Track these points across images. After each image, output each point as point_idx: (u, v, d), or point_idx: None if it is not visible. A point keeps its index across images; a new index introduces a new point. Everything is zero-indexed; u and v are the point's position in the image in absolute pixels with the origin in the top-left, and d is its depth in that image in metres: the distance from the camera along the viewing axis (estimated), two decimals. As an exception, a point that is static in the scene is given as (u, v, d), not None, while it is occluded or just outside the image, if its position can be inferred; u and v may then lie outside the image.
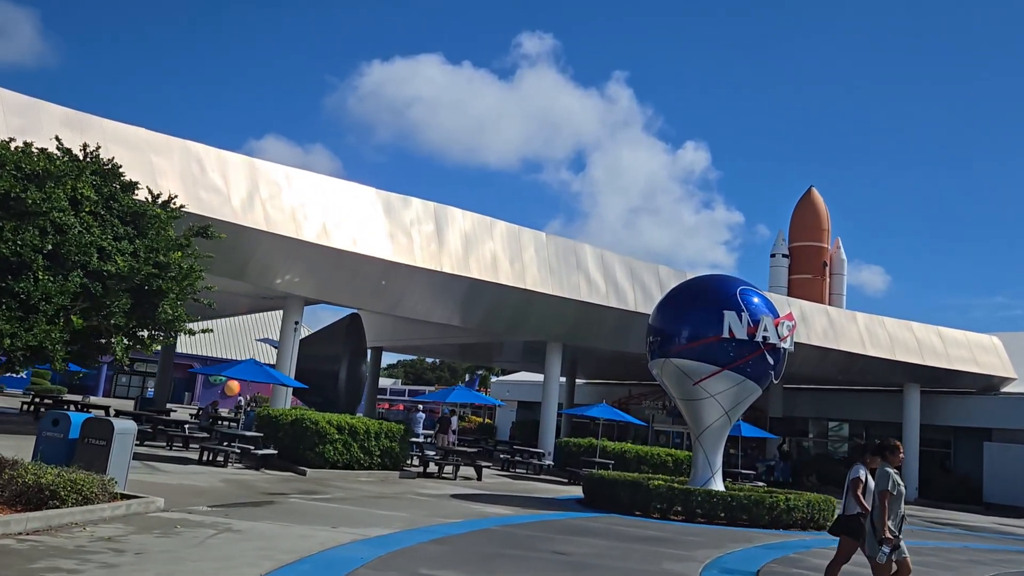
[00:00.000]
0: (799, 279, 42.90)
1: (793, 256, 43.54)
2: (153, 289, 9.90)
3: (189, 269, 10.58)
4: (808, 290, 40.52)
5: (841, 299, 43.08)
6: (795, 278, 43.00)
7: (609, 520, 14.81)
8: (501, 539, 11.05)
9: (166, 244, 10.16)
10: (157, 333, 10.92)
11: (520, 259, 27.13)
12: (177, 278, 10.28)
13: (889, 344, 30.91)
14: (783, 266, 43.79)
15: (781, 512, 16.03)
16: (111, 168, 10.90)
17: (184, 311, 10.80)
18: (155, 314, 10.12)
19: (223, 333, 59.49)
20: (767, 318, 17.34)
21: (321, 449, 18.96)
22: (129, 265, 9.44)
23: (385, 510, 13.23)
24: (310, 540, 9.46)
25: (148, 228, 10.28)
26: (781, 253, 44.01)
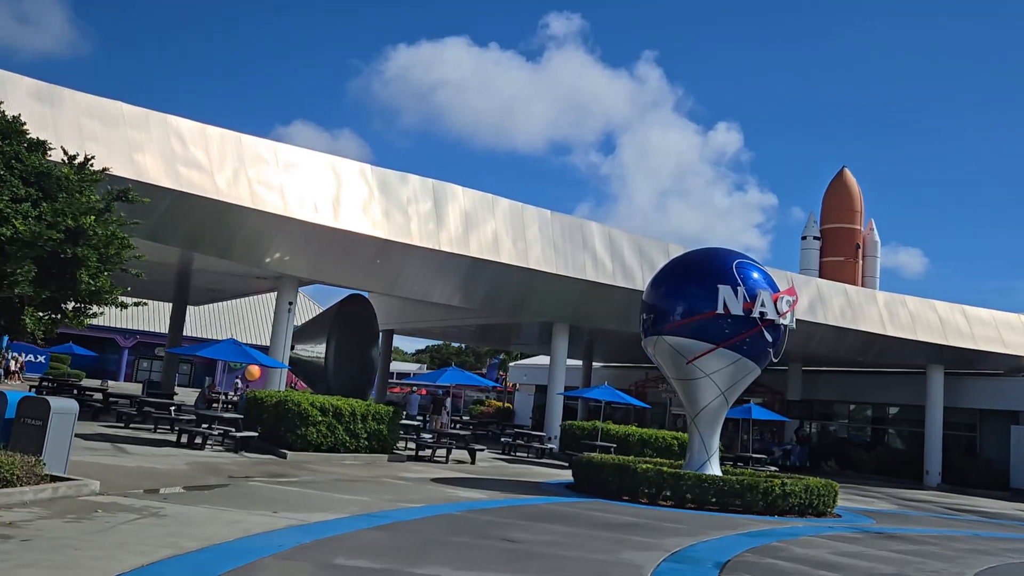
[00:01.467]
0: (831, 262, 41.86)
1: (825, 238, 42.56)
2: (68, 257, 9.23)
3: (111, 236, 9.88)
4: (840, 273, 39.42)
5: (874, 281, 41.99)
6: (827, 261, 41.99)
7: (590, 505, 14.01)
8: (454, 525, 10.31)
9: (76, 208, 9.44)
10: (82, 305, 10.26)
11: (523, 237, 26.29)
12: (96, 245, 9.60)
13: (911, 324, 29.64)
14: (814, 248, 42.85)
15: (777, 497, 15.10)
16: (13, 125, 10.13)
17: (107, 281, 10.09)
18: (74, 285, 9.45)
19: (238, 314, 59.41)
20: (765, 293, 16.36)
21: (303, 431, 18.36)
22: (31, 229, 8.77)
23: (348, 494, 12.55)
24: (235, 526, 8.78)
25: (58, 191, 9.58)
26: (812, 235, 43.07)
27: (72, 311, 10.33)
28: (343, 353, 25.54)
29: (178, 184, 19.43)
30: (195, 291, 32.88)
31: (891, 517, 17.73)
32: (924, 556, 11.37)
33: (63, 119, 17.93)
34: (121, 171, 18.61)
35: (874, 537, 13.22)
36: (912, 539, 13.44)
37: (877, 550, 11.57)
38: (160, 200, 19.64)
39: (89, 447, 15.63)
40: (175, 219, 20.27)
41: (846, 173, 43.70)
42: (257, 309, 59.94)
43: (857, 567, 9.95)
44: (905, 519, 17.60)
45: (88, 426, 20.08)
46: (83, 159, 10.71)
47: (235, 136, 21.14)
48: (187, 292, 34.01)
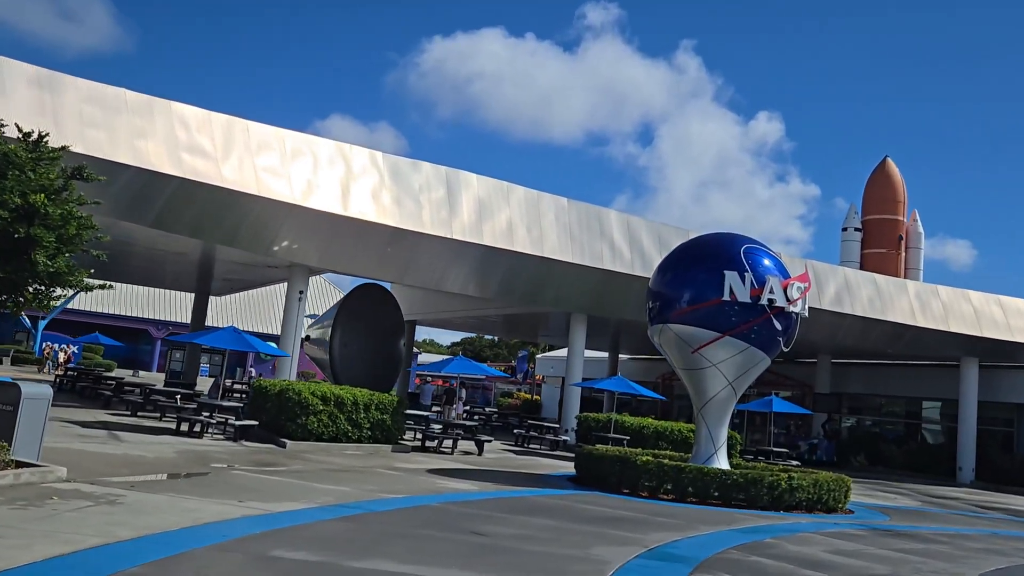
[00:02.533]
0: (872, 254, 40.91)
1: (866, 230, 41.60)
2: (21, 237, 8.97)
3: (67, 216, 9.60)
4: (882, 265, 38.46)
5: (918, 274, 40.94)
6: (868, 253, 41.06)
7: (584, 498, 13.51)
8: (426, 517, 9.90)
9: (25, 186, 9.16)
10: (43, 288, 10.00)
11: (538, 225, 25.81)
12: (52, 225, 9.33)
13: (943, 315, 28.58)
14: (855, 240, 41.94)
15: (783, 492, 14.46)
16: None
17: (64, 263, 9.80)
18: (31, 266, 9.20)
19: (262, 304, 59.75)
20: (774, 279, 15.68)
21: (304, 421, 18.11)
22: (-30, 209, 8.53)
23: (331, 484, 12.22)
24: (188, 515, 8.46)
25: (7, 168, 9.31)
26: (853, 227, 42.16)
27: (32, 294, 10.10)
28: (352, 343, 25.25)
29: (181, 171, 19.27)
30: (213, 281, 32.90)
31: (909, 514, 16.96)
32: (928, 555, 10.70)
33: (63, 106, 17.84)
34: (123, 158, 18.57)
35: (880, 535, 12.55)
36: (922, 537, 12.74)
37: (878, 548, 10.92)
38: (164, 187, 19.58)
39: (83, 434, 15.53)
40: (180, 206, 20.15)
41: (888, 163, 42.68)
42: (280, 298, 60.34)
43: (849, 566, 9.35)
44: (923, 516, 16.83)
45: (93, 414, 20.09)
46: (37, 136, 10.42)
47: (242, 123, 20.94)
48: (209, 282, 34.10)
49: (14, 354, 47.41)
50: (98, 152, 18.05)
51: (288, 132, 21.83)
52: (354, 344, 25.16)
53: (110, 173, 18.64)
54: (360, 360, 25.09)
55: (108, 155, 18.23)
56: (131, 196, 19.41)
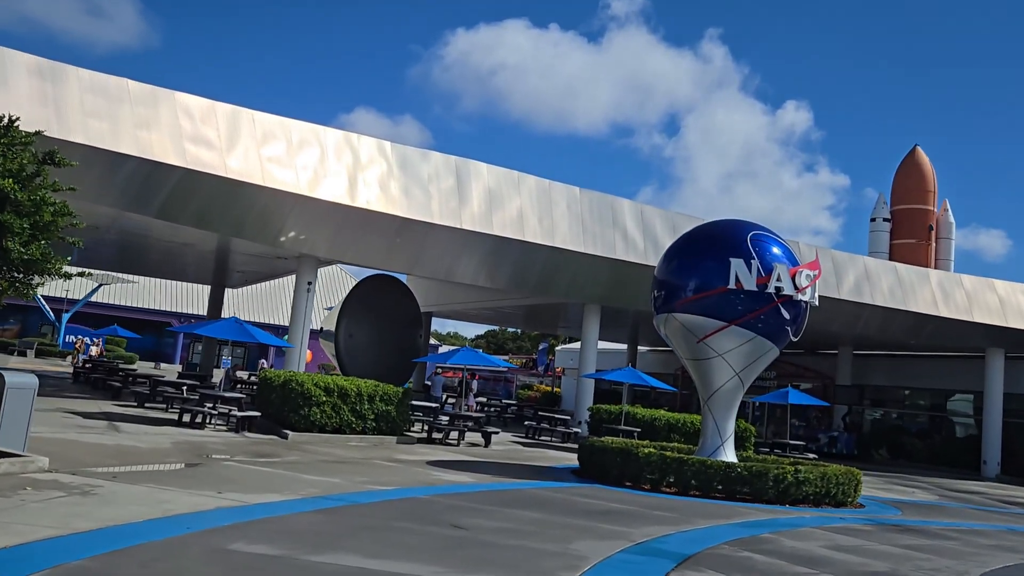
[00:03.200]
0: (902, 244, 40.19)
1: (895, 220, 40.88)
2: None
3: (39, 202, 9.43)
4: (912, 256, 37.74)
5: (948, 264, 40.17)
6: (897, 243, 40.34)
7: (582, 491, 13.20)
8: (408, 510, 9.64)
9: (-8, 171, 8.99)
10: (20, 276, 9.85)
11: (550, 215, 25.49)
12: (24, 212, 9.16)
13: (966, 304, 27.85)
14: (884, 231, 41.24)
15: (789, 485, 14.04)
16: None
17: (40, 249, 9.62)
18: (4, 254, 9.04)
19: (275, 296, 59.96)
20: (781, 266, 15.23)
21: (307, 412, 17.95)
22: (-64, 193, 8.37)
23: (320, 475, 12.01)
24: (159, 507, 8.28)
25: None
26: (882, 217, 41.46)
27: (8, 282, 9.95)
28: (358, 334, 25.09)
29: (185, 161, 19.17)
30: (227, 273, 32.94)
31: (923, 509, 16.46)
32: (933, 552, 10.26)
33: (64, 96, 17.78)
34: (126, 148, 18.50)
35: (887, 530, 12.12)
36: (931, 533, 12.29)
37: (881, 544, 10.50)
38: (168, 178, 19.49)
39: (83, 425, 15.47)
40: (184, 197, 20.06)
41: (918, 152, 41.89)
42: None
43: (845, 563, 8.96)
44: (937, 511, 16.31)
45: (100, 405, 20.08)
46: (7, 120, 10.25)
47: (248, 113, 20.80)
48: (224, 275, 34.16)
49: (38, 347, 47.93)
50: (100, 143, 18.00)
51: (294, 122, 21.67)
52: (361, 335, 25.00)
53: (113, 164, 18.71)
54: (368, 351, 24.93)
55: (111, 146, 18.16)
56: (135, 187, 19.35)
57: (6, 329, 56.39)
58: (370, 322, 25.42)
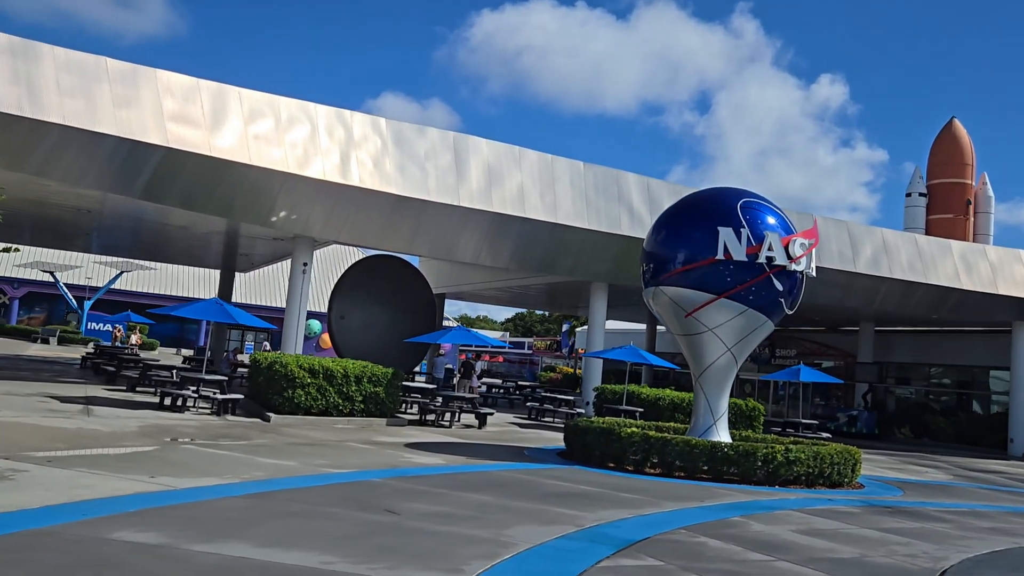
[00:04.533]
0: (938, 219, 38.93)
1: (932, 195, 39.59)
2: None
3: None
4: (949, 231, 36.51)
5: (987, 239, 38.84)
6: (934, 218, 39.09)
7: (557, 473, 12.58)
8: (347, 494, 9.10)
9: None
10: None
11: (552, 191, 24.81)
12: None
13: (991, 276, 26.65)
14: (920, 206, 39.99)
15: (779, 465, 13.28)
16: None
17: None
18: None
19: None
20: (773, 235, 14.42)
21: (291, 394, 17.56)
22: None
23: (278, 459, 11.54)
24: (67, 493, 7.82)
25: None
26: (918, 192, 40.19)
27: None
28: (352, 315, 24.62)
29: (166, 140, 18.78)
30: (230, 257, 32.69)
31: (929, 489, 15.59)
32: (916, 536, 9.49)
33: (39, 75, 17.42)
34: (104, 128, 18.14)
35: (876, 512, 11.34)
36: (924, 515, 11.48)
37: (861, 528, 9.76)
38: (149, 157, 19.11)
39: (55, 409, 15.17)
40: (168, 177, 19.66)
41: (956, 124, 40.45)
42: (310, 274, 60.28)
43: (810, 548, 8.26)
44: (944, 491, 15.44)
45: (89, 389, 19.88)
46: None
47: (235, 91, 20.35)
48: (233, 259, 33.94)
49: (60, 334, 48.32)
50: (76, 122, 17.65)
51: (283, 99, 21.18)
52: (355, 316, 24.54)
53: (91, 144, 18.36)
54: (364, 333, 24.46)
55: (88, 125, 17.81)
56: (115, 167, 18.99)
57: (32, 317, 57.08)
58: (362, 303, 24.91)
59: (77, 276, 52.83)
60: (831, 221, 26.32)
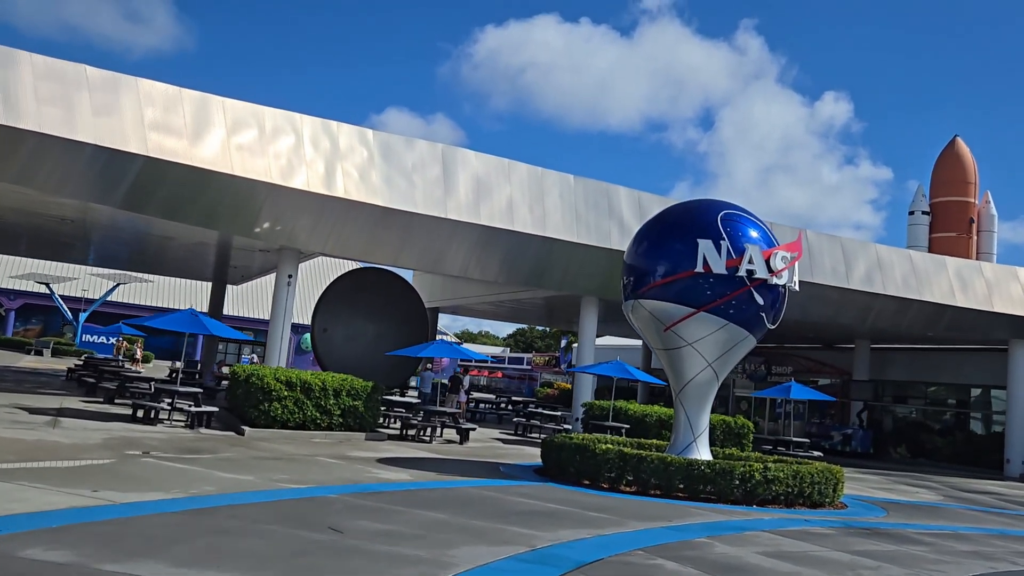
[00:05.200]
0: (941, 237, 38.58)
1: (935, 213, 39.27)
2: None
3: None
4: (952, 249, 36.12)
5: (991, 258, 38.45)
6: (937, 236, 38.73)
7: (525, 490, 12.23)
8: (291, 511, 8.76)
9: None
10: None
11: (541, 204, 24.58)
12: None
13: (986, 294, 26.26)
14: (923, 224, 39.65)
15: (757, 484, 12.90)
16: None
17: None
18: None
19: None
20: (754, 248, 14.10)
21: (267, 407, 17.26)
22: None
23: (235, 473, 11.21)
24: None
25: None
26: (920, 210, 39.87)
27: None
28: (334, 328, 24.35)
29: (146, 149, 18.58)
30: (221, 269, 32.48)
31: (914, 510, 15.17)
32: (889, 559, 9.11)
33: (17, 81, 17.23)
34: (82, 136, 17.94)
35: (851, 533, 10.95)
36: (902, 537, 11.08)
37: (832, 550, 9.38)
38: (129, 166, 18.89)
39: (21, 421, 14.89)
40: (148, 186, 19.43)
41: (958, 143, 40.17)
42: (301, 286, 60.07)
43: (773, 571, 7.89)
44: (929, 512, 15.01)
45: (65, 400, 19.62)
46: None
47: (218, 100, 20.19)
48: (225, 271, 33.73)
49: (55, 346, 48.13)
50: (53, 130, 17.47)
51: (268, 109, 20.99)
52: (339, 329, 24.24)
53: (68, 152, 18.16)
54: (348, 346, 24.16)
55: (65, 133, 17.62)
56: (94, 176, 18.78)
57: (28, 329, 56.91)
58: (352, 316, 24.63)
59: (73, 288, 52.69)
60: (824, 237, 25.99)
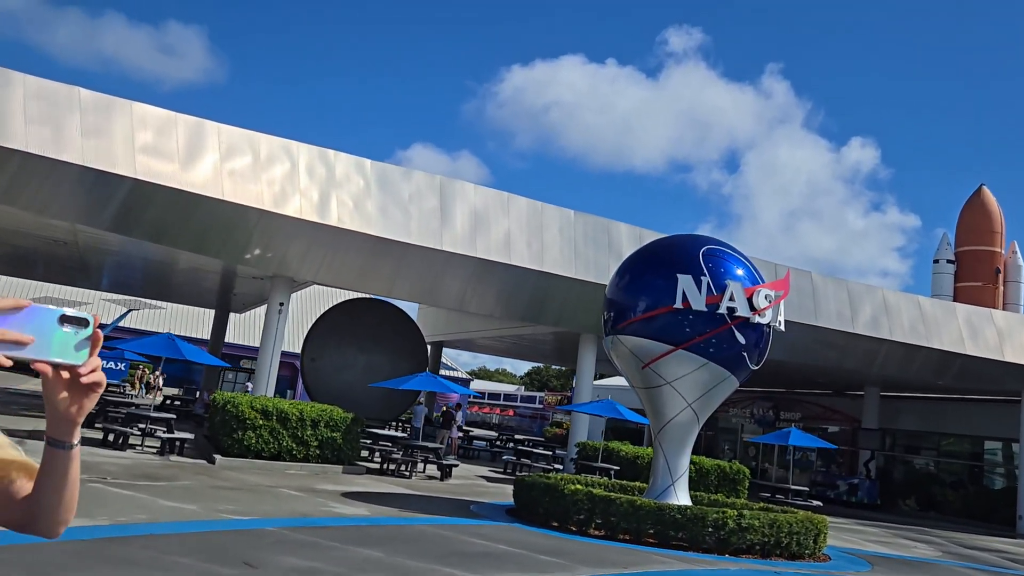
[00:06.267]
0: (967, 287, 37.77)
1: (960, 262, 38.52)
2: None
3: None
4: (977, 299, 35.30)
5: (1017, 309, 37.50)
6: (962, 286, 37.92)
7: (483, 530, 11.70)
8: (212, 543, 8.34)
9: None
10: None
11: (539, 239, 24.22)
12: None
13: (997, 342, 25.43)
14: (947, 273, 38.88)
15: (730, 533, 12.28)
16: None
17: None
18: None
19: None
20: (736, 285, 13.59)
21: (240, 436, 16.87)
22: None
23: (179, 502, 10.80)
24: None
25: None
26: (945, 259, 39.13)
27: None
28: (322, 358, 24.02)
29: (135, 172, 18.50)
30: (224, 297, 32.40)
31: (902, 565, 14.38)
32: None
33: (5, 100, 17.27)
34: (69, 156, 17.91)
35: (821, 588, 10.31)
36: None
37: (790, 606, 8.78)
38: (117, 188, 18.84)
39: (-14, 442, 14.59)
40: (136, 209, 19.35)
41: (984, 192, 39.56)
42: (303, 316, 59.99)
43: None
44: (918, 569, 14.22)
45: (41, 423, 19.33)
46: None
47: (213, 126, 20.12)
48: (228, 299, 33.66)
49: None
50: (39, 149, 17.43)
51: (264, 136, 20.91)
52: (329, 358, 23.90)
53: (54, 172, 18.13)
54: (337, 376, 23.80)
55: (52, 153, 17.59)
56: (82, 197, 18.73)
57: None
58: (342, 345, 24.30)
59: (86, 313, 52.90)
60: (830, 280, 25.40)
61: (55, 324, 1.33)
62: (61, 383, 1.39)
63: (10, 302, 1.31)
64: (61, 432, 1.46)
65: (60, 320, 1.34)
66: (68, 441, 1.47)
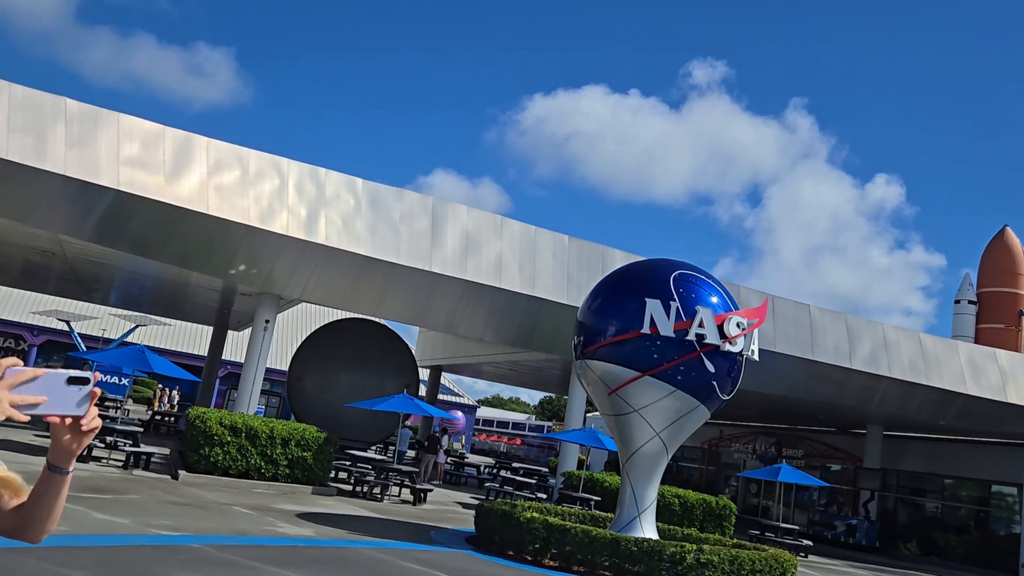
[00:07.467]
0: (988, 328, 37.09)
1: (982, 303, 37.91)
2: None
3: None
4: (999, 341, 34.60)
5: None
6: (984, 327, 37.24)
7: (429, 557, 11.29)
8: (117, 559, 8.03)
9: None
10: None
11: (532, 263, 23.92)
12: None
13: (1000, 383, 24.71)
14: (969, 313, 38.21)
15: (688, 568, 11.77)
16: None
17: None
18: None
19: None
20: (706, 311, 13.19)
21: (207, 452, 16.60)
22: None
23: (113, 516, 10.52)
24: None
25: None
26: (967, 299, 38.47)
27: None
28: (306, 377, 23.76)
29: (117, 183, 18.47)
30: (223, 315, 32.32)
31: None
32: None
33: None
34: (51, 166, 17.90)
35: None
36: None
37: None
38: (98, 199, 18.79)
39: (-56, 449, 14.45)
40: (118, 220, 19.29)
41: (1008, 233, 38.99)
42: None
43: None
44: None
45: (17, 433, 19.23)
46: None
47: (202, 140, 20.06)
48: (227, 317, 33.59)
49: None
50: (19, 157, 17.44)
51: (254, 152, 20.87)
52: (313, 378, 23.64)
53: (33, 181, 18.11)
54: (320, 395, 23.52)
55: (32, 161, 17.60)
56: (63, 207, 18.70)
57: (50, 365, 57.34)
58: (327, 365, 24.05)
59: (94, 327, 53.22)
60: (828, 313, 24.86)
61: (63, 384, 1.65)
62: (66, 428, 1.72)
63: (28, 373, 1.62)
64: (61, 461, 1.77)
65: (67, 381, 1.65)
66: (66, 468, 1.79)
